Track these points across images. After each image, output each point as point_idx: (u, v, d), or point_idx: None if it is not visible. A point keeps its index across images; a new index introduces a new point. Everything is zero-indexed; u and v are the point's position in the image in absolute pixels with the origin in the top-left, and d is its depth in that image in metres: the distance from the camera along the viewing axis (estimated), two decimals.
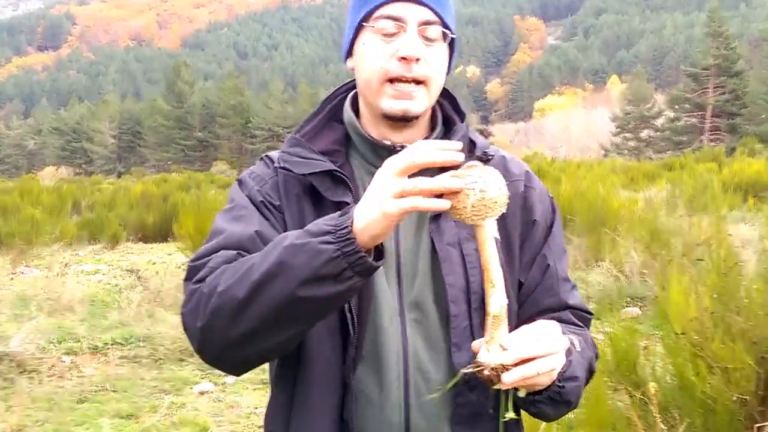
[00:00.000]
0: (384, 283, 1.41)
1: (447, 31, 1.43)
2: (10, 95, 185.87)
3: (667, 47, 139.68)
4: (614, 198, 11.40)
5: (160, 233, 16.92)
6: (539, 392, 1.30)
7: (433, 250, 1.42)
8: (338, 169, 1.41)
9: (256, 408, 5.79)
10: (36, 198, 20.44)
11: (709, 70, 58.66)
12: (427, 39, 1.40)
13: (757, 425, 2.83)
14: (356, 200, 1.30)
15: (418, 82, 1.40)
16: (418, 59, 1.38)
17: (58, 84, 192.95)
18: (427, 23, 1.40)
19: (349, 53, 1.50)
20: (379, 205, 1.16)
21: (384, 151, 1.44)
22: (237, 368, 1.42)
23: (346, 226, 1.17)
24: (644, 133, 65.57)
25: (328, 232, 1.18)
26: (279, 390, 1.48)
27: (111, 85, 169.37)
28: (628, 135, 66.07)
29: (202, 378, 6.51)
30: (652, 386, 2.57)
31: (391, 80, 1.39)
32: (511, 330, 1.29)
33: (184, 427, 5.48)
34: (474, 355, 1.27)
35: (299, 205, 1.44)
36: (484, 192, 1.18)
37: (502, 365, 1.20)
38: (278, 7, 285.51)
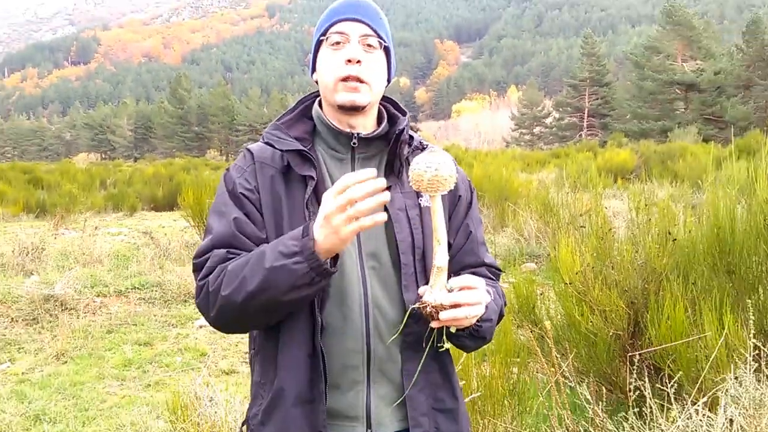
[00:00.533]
0: None
1: (381, 40, 1.47)
2: (52, 99, 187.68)
3: (553, 64, 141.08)
4: (515, 179, 11.50)
5: (168, 204, 17.34)
6: (462, 329, 1.35)
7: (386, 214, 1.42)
8: (306, 150, 1.44)
9: (242, 339, 5.89)
10: (72, 177, 20.60)
11: (585, 81, 59.49)
12: (367, 46, 1.45)
13: (629, 354, 2.80)
14: (318, 176, 1.42)
15: (361, 80, 1.43)
16: (359, 61, 1.42)
17: (88, 90, 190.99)
18: (366, 35, 1.45)
19: (314, 69, 1.54)
20: (335, 233, 1.22)
21: (342, 137, 1.48)
22: (241, 332, 1.47)
23: (311, 247, 1.24)
24: (536, 130, 66.39)
25: (297, 254, 1.24)
26: (265, 338, 1.46)
27: (128, 92, 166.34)
28: (524, 131, 66.81)
29: (201, 315, 6.54)
30: (547, 324, 2.51)
31: (343, 79, 1.43)
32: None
33: (188, 352, 5.57)
34: (419, 295, 1.33)
35: (272, 183, 1.44)
36: (437, 171, 1.25)
37: (441, 305, 1.27)
38: (255, 33, 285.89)
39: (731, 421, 2.25)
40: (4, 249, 8.68)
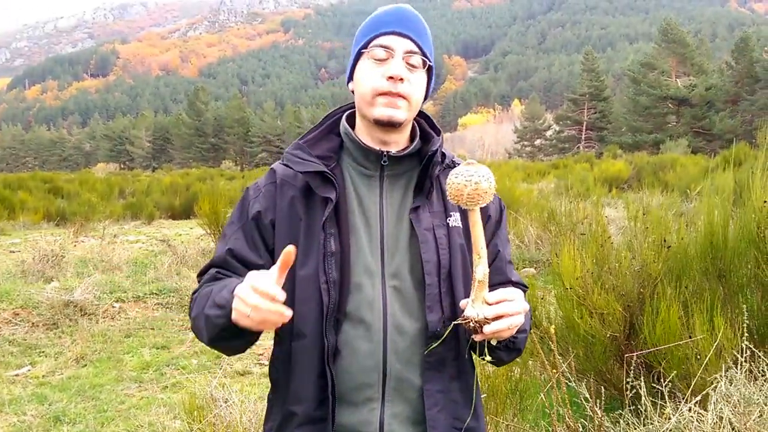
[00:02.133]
0: (369, 256, 1.36)
1: (426, 59, 1.39)
2: (72, 110, 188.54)
3: (554, 79, 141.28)
4: (516, 188, 11.50)
5: (185, 213, 17.32)
6: (500, 342, 1.30)
7: (412, 234, 1.38)
8: (327, 171, 1.36)
9: (257, 342, 5.82)
10: (92, 186, 20.57)
11: (585, 96, 59.45)
12: (410, 65, 1.37)
13: (627, 355, 2.82)
14: (339, 196, 1.36)
15: (401, 96, 1.36)
16: (402, 79, 1.34)
17: (107, 102, 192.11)
18: (411, 52, 1.37)
19: (350, 78, 1.45)
20: (242, 313, 1.20)
21: (371, 154, 1.41)
22: (226, 353, 1.52)
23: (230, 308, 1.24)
24: (537, 142, 66.28)
25: (222, 308, 1.28)
26: (279, 350, 1.45)
27: (146, 104, 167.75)
28: (525, 142, 66.75)
29: None
30: (552, 328, 2.54)
31: (381, 94, 1.35)
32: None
33: (204, 355, 5.59)
34: (461, 309, 1.28)
35: (292, 203, 1.39)
36: (478, 184, 1.19)
37: (485, 318, 1.21)
38: (270, 47, 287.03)
39: (721, 418, 2.27)
40: (26, 256, 8.72)
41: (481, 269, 1.21)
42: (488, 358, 1.30)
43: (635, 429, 2.39)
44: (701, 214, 3.75)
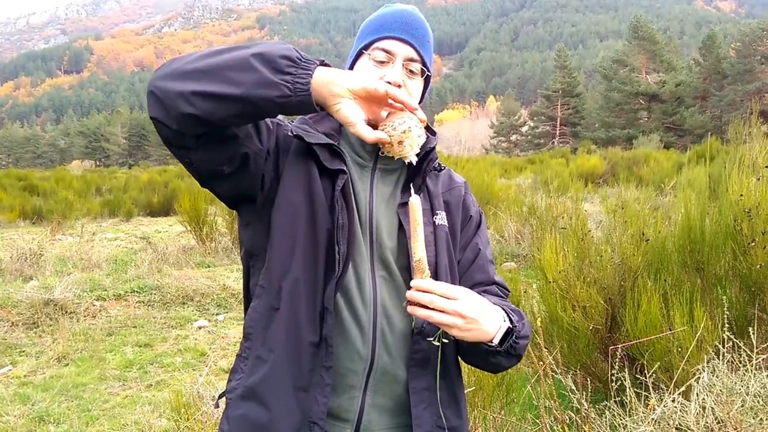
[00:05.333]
0: (362, 244, 1.34)
1: (425, 69, 1.39)
2: (45, 107, 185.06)
3: (528, 76, 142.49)
4: (494, 184, 11.57)
5: (163, 210, 17.11)
6: (500, 345, 1.27)
7: (400, 229, 1.37)
8: (337, 145, 1.34)
9: (240, 338, 5.79)
10: (68, 183, 20.23)
11: (558, 92, 60.04)
12: (409, 72, 1.36)
13: (610, 348, 2.86)
14: (348, 172, 1.33)
15: None
16: (399, 85, 1.33)
17: (81, 99, 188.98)
18: (411, 60, 1.36)
19: (350, 69, 1.42)
20: (367, 109, 1.18)
21: (368, 144, 1.38)
22: (157, 104, 1.14)
23: (309, 66, 1.14)
24: (513, 137, 66.78)
25: (290, 59, 1.13)
26: (259, 303, 1.33)
27: (121, 100, 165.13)
28: (502, 138, 67.18)
29: (199, 316, 6.60)
30: (537, 321, 2.56)
31: None
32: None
33: (187, 352, 5.52)
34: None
35: (306, 160, 1.33)
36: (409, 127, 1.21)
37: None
38: (246, 43, 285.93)
39: (704, 408, 2.31)
40: (3, 255, 8.54)
41: (415, 247, 1.23)
42: (440, 341, 1.30)
43: (621, 420, 2.42)
44: (678, 208, 3.81)
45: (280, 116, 1.38)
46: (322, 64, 1.16)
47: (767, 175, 3.29)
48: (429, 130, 1.46)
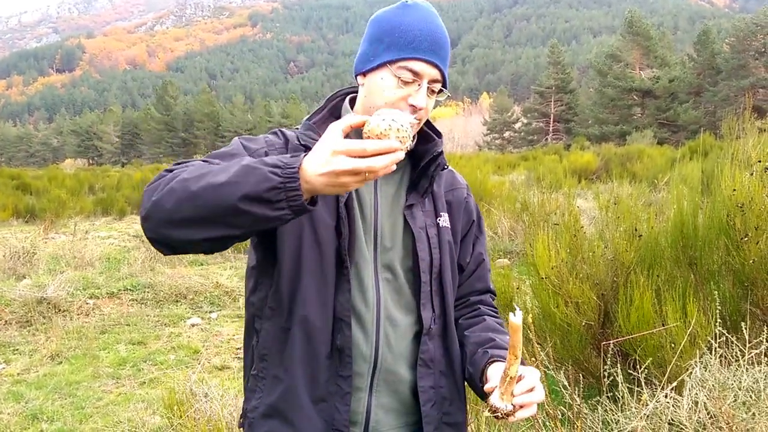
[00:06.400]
0: (365, 248, 1.35)
1: (444, 89, 1.36)
2: (38, 106, 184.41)
3: (521, 72, 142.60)
4: (488, 180, 11.57)
5: None
6: None
7: (405, 230, 1.38)
8: None
9: (234, 336, 5.86)
10: (61, 182, 20.16)
11: (551, 88, 60.05)
12: (431, 92, 1.34)
13: (603, 343, 2.86)
14: None
15: (416, 120, 1.32)
16: (423, 108, 1.32)
17: (74, 97, 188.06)
18: (435, 81, 1.33)
19: (363, 70, 1.36)
20: (339, 186, 1.05)
21: None
22: (166, 247, 1.18)
23: (294, 167, 1.05)
24: (507, 134, 66.74)
25: (278, 166, 1.06)
26: (270, 324, 1.35)
27: (114, 99, 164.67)
28: (495, 135, 67.16)
29: (193, 314, 6.59)
30: (530, 317, 2.56)
31: None
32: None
33: (181, 350, 5.53)
34: (487, 393, 1.27)
35: None
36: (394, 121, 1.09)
37: (513, 411, 1.21)
38: (238, 41, 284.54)
39: (696, 403, 2.31)
40: None
41: (514, 369, 1.20)
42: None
43: (613, 415, 2.42)
44: (671, 203, 3.81)
45: (269, 137, 1.39)
46: (294, 156, 1.10)
47: (760, 170, 3.30)
48: (435, 132, 1.45)
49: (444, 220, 1.43)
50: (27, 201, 15.79)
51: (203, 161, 1.23)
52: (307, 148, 1.29)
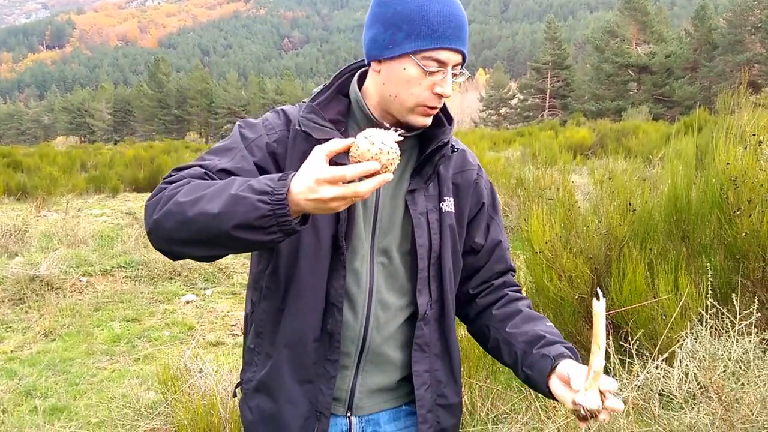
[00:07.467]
0: (362, 232, 1.34)
1: (464, 71, 1.32)
2: (28, 83, 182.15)
3: (518, 48, 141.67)
4: (484, 156, 11.57)
5: (149, 185, 17.08)
6: None
7: (406, 214, 1.36)
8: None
9: (228, 312, 5.85)
10: (52, 160, 20.02)
11: (548, 64, 59.73)
12: (454, 76, 1.29)
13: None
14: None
15: (439, 107, 1.32)
16: (449, 96, 1.30)
17: (65, 74, 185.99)
18: (457, 65, 1.29)
19: (377, 56, 1.29)
20: (323, 206, 1.05)
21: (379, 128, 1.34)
22: (171, 256, 1.24)
23: (282, 193, 1.05)
24: (503, 110, 66.57)
25: (266, 192, 1.06)
26: (267, 304, 1.37)
27: (105, 75, 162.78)
28: (491, 111, 66.97)
29: (187, 291, 6.60)
30: (523, 291, 2.56)
31: (424, 106, 1.29)
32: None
33: (175, 326, 5.54)
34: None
35: (302, 161, 1.25)
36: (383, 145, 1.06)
37: (598, 410, 1.15)
38: (231, 16, 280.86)
39: (686, 373, 2.34)
40: None
41: (598, 361, 1.14)
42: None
43: None
44: (665, 178, 3.81)
45: (268, 119, 1.36)
46: (281, 179, 1.09)
47: (754, 143, 3.29)
48: (447, 116, 1.40)
49: (448, 205, 1.40)
50: (18, 179, 15.67)
51: (200, 166, 1.25)
52: (307, 134, 1.29)
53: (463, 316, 1.54)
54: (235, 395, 1.54)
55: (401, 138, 1.11)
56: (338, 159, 1.13)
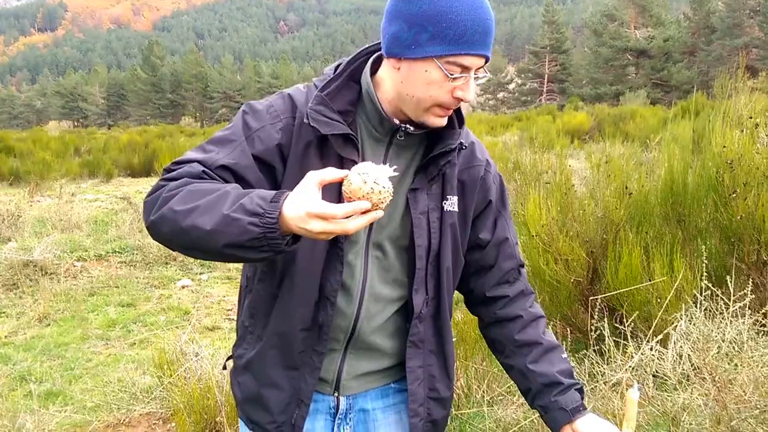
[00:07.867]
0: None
1: (486, 74, 1.29)
2: (20, 66, 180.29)
3: (516, 32, 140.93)
4: (481, 141, 11.51)
5: (144, 170, 16.94)
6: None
7: (405, 211, 1.34)
8: (352, 134, 1.27)
9: (224, 297, 5.86)
10: (45, 144, 19.92)
11: (546, 48, 59.54)
12: (475, 79, 1.26)
13: (591, 298, 2.90)
14: (360, 158, 1.29)
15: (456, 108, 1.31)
16: (469, 101, 1.27)
17: (57, 58, 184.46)
18: (479, 69, 1.25)
19: (398, 54, 1.24)
20: (310, 234, 1.07)
21: (387, 123, 1.31)
22: (167, 246, 1.26)
23: (274, 217, 1.06)
24: (500, 95, 66.41)
25: (257, 214, 1.07)
26: (262, 287, 1.38)
27: (98, 59, 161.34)
28: (488, 96, 66.78)
29: (183, 276, 6.59)
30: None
31: (441, 107, 1.26)
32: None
33: (171, 311, 5.53)
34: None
35: (306, 152, 1.28)
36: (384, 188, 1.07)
37: None
38: None
39: (680, 355, 2.36)
40: None
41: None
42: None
43: (599, 368, 2.47)
44: (661, 162, 3.82)
45: (273, 105, 1.33)
46: (273, 201, 1.09)
47: (751, 126, 3.30)
48: (459, 117, 1.37)
49: (450, 204, 1.37)
50: (11, 164, 15.58)
51: (199, 161, 1.24)
52: (314, 128, 1.26)
53: (475, 312, 1.55)
54: (225, 368, 1.59)
55: (396, 174, 1.11)
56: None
